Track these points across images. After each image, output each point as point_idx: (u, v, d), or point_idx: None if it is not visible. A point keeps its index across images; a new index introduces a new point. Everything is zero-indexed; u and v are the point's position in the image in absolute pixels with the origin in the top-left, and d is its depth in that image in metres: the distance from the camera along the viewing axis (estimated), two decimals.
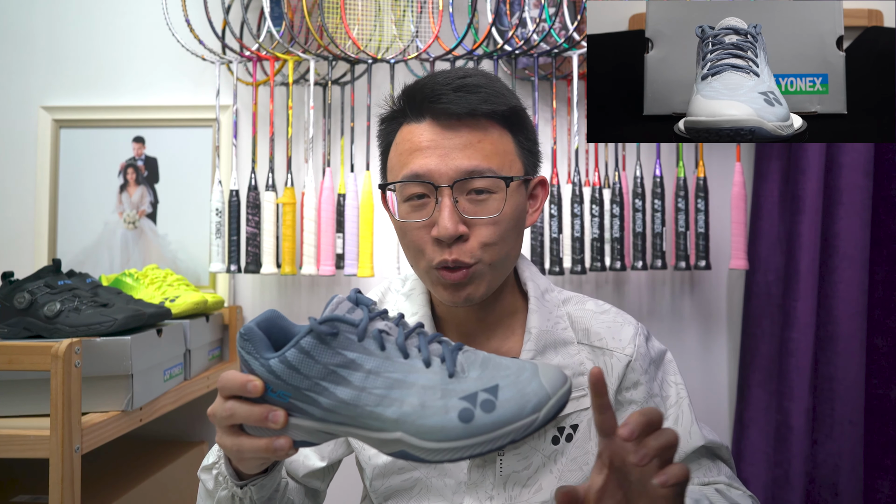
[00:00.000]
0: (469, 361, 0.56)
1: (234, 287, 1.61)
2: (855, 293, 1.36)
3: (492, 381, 0.54)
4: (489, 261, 0.75)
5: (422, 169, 0.74)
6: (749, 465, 1.46)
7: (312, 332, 0.55)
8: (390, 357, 0.55)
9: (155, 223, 1.61)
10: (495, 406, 0.53)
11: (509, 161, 0.77)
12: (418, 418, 0.53)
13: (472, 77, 0.76)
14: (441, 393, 0.54)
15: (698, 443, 0.82)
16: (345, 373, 0.55)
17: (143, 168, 1.61)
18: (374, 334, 0.56)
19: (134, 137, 1.62)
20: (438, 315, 0.86)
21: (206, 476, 0.75)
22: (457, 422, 0.53)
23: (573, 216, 1.40)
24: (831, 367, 1.38)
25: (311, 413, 0.55)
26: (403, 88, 0.79)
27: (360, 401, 0.54)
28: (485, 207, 0.75)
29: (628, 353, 0.83)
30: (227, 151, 1.58)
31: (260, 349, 0.56)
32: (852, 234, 1.36)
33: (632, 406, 0.83)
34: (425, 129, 0.76)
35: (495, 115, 0.75)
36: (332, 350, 0.55)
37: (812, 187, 1.38)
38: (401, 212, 0.78)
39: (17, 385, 1.06)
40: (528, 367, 0.56)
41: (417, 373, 0.55)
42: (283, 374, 0.55)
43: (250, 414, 0.56)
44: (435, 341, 0.58)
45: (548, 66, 1.50)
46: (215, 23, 1.45)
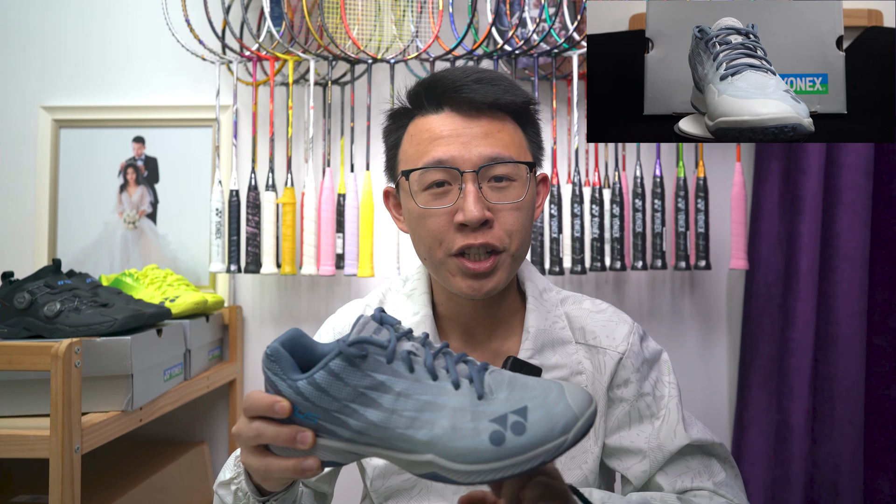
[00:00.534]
0: (496, 382, 0.57)
1: (234, 287, 1.61)
2: (855, 293, 1.36)
3: (520, 403, 0.54)
4: (514, 250, 0.77)
5: (445, 155, 0.75)
6: (749, 465, 1.46)
7: (341, 354, 0.55)
8: (419, 379, 0.55)
9: (155, 223, 1.61)
10: (525, 428, 0.53)
11: (524, 152, 0.79)
12: (449, 441, 0.53)
13: (490, 72, 0.79)
14: (471, 415, 0.54)
15: (682, 442, 0.81)
16: (374, 395, 0.55)
17: (143, 168, 1.61)
18: (402, 356, 0.56)
19: (134, 137, 1.62)
20: (440, 315, 0.86)
21: (224, 492, 0.74)
22: (488, 444, 0.53)
23: (573, 216, 1.40)
24: (831, 367, 1.38)
25: (340, 434, 0.55)
26: (419, 82, 0.80)
27: (391, 423, 0.54)
28: (507, 194, 0.76)
29: (620, 350, 0.84)
30: (227, 151, 1.58)
31: (287, 370, 0.56)
32: (852, 234, 1.36)
33: (622, 404, 0.83)
34: (444, 118, 0.77)
35: (513, 107, 0.78)
36: (362, 372, 0.55)
37: (812, 187, 1.38)
38: (420, 200, 0.77)
39: (17, 385, 1.06)
40: (555, 388, 0.56)
41: (447, 395, 0.55)
42: (312, 396, 0.55)
43: (278, 435, 0.56)
44: (461, 361, 0.58)
45: (548, 66, 1.50)
46: (215, 23, 1.45)
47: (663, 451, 0.81)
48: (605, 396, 0.83)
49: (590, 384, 0.83)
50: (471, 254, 0.75)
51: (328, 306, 1.60)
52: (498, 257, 0.76)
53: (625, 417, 0.83)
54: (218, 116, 1.52)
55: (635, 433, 0.82)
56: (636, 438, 0.82)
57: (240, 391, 1.58)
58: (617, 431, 0.83)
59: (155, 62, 1.62)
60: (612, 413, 0.83)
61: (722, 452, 0.84)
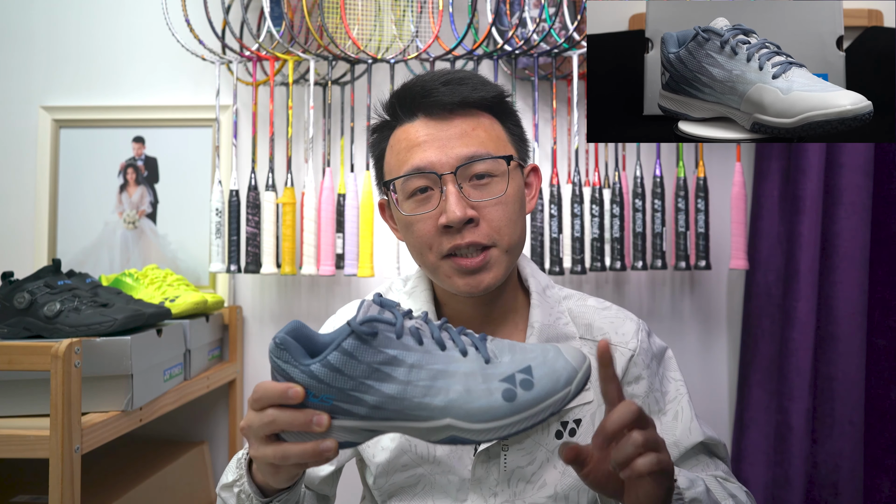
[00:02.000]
0: (498, 348, 0.61)
1: (234, 287, 1.61)
2: (855, 293, 1.36)
3: (524, 363, 0.59)
4: (505, 245, 0.77)
5: (422, 161, 0.76)
6: (749, 465, 1.46)
7: (353, 333, 0.57)
8: (429, 350, 0.59)
9: (155, 223, 1.61)
10: (533, 384, 0.57)
11: (503, 146, 0.79)
12: (465, 403, 0.57)
13: (458, 72, 0.80)
14: (482, 378, 0.58)
15: (698, 438, 0.83)
16: (388, 369, 0.57)
17: (143, 168, 1.61)
18: (411, 330, 0.59)
19: (134, 137, 1.62)
20: (443, 313, 0.87)
21: (226, 494, 0.74)
22: (501, 401, 0.57)
23: (573, 216, 1.40)
24: (831, 367, 1.38)
25: (356, 413, 0.57)
26: (392, 93, 0.81)
27: (407, 394, 0.57)
28: (489, 190, 0.76)
29: (631, 347, 0.85)
30: (227, 151, 1.58)
31: (297, 357, 0.57)
32: (852, 234, 1.36)
33: (634, 400, 0.84)
34: (419, 125, 0.78)
35: (484, 103, 0.78)
36: (374, 349, 0.57)
37: (812, 187, 1.38)
38: (405, 208, 0.79)
39: (17, 385, 1.06)
40: (551, 349, 0.61)
41: (457, 362, 0.58)
42: (327, 377, 0.56)
43: (293, 419, 0.57)
44: (463, 333, 0.62)
45: (548, 66, 1.50)
46: (215, 23, 1.45)
47: (679, 447, 0.83)
48: None
49: (593, 380, 0.83)
50: (461, 252, 0.76)
51: (328, 306, 1.60)
52: (488, 252, 0.76)
53: None
54: (218, 116, 1.52)
55: None
56: None
57: (240, 391, 1.58)
58: None
59: (155, 62, 1.62)
60: None
61: (723, 453, 0.87)
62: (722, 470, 0.84)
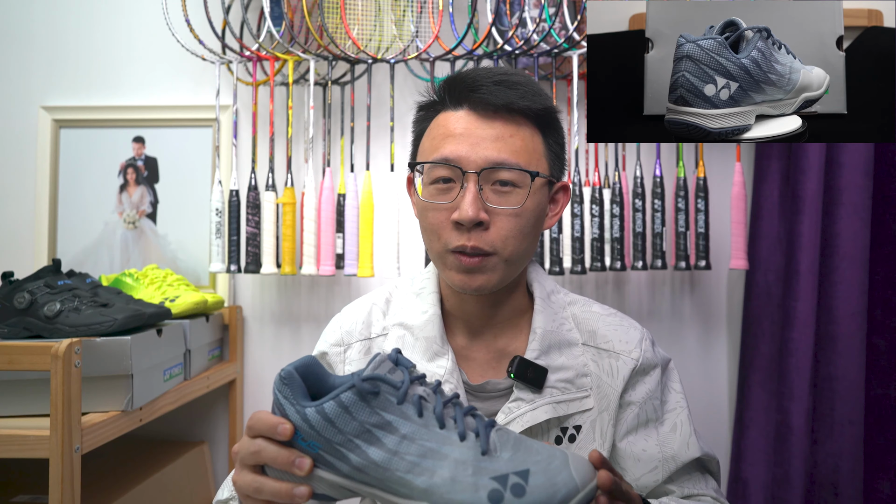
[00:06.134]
0: (502, 441, 0.56)
1: (234, 287, 1.61)
2: (855, 293, 1.36)
3: (523, 465, 0.54)
4: (506, 255, 0.77)
5: (452, 154, 0.76)
6: (749, 465, 1.46)
7: (354, 387, 0.55)
8: (427, 425, 0.56)
9: (155, 223, 1.61)
10: (525, 492, 0.52)
11: (536, 159, 0.79)
12: (447, 492, 0.53)
13: (514, 75, 0.79)
14: (473, 469, 0.54)
15: (695, 454, 0.83)
16: (380, 434, 0.55)
17: (143, 168, 1.61)
18: (413, 399, 0.56)
19: (134, 137, 1.62)
20: (447, 312, 0.87)
21: None
22: (485, 502, 0.52)
23: (573, 216, 1.40)
24: (831, 367, 1.37)
25: (339, 468, 0.56)
26: (446, 78, 0.82)
27: (391, 465, 0.54)
28: (507, 199, 0.76)
29: (635, 356, 0.85)
30: (227, 151, 1.58)
31: (298, 396, 0.57)
32: (852, 234, 1.36)
33: (630, 407, 0.84)
34: (461, 117, 0.78)
35: (530, 113, 0.78)
36: (371, 409, 0.55)
37: (812, 187, 1.38)
38: (425, 193, 0.80)
39: (17, 385, 1.06)
40: (559, 455, 0.55)
41: (452, 445, 0.55)
42: (318, 425, 0.55)
43: (277, 455, 0.56)
44: (470, 414, 0.58)
45: (548, 66, 1.50)
46: (215, 23, 1.45)
47: (676, 461, 0.82)
48: (616, 402, 0.83)
49: (594, 387, 0.83)
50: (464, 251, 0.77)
51: (328, 306, 1.60)
52: (488, 258, 0.76)
53: (633, 421, 0.83)
54: (218, 116, 1.52)
55: (642, 438, 0.83)
56: (645, 445, 0.83)
57: (240, 391, 1.58)
58: (626, 437, 0.83)
59: (155, 62, 1.62)
60: (623, 417, 0.84)
61: (716, 469, 0.87)
62: (712, 488, 0.85)
